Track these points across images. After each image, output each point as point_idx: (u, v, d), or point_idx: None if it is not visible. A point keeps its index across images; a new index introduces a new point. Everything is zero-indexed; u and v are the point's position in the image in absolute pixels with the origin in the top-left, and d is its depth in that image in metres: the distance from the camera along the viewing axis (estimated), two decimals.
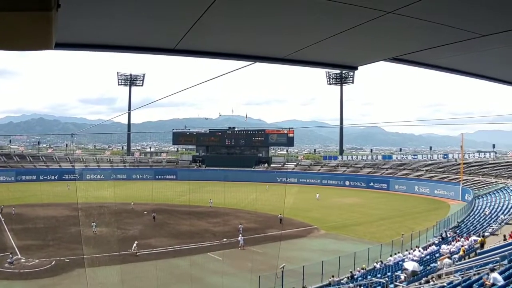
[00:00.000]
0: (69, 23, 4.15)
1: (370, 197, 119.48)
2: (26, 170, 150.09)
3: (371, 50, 5.81)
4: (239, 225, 70.42)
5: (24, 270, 49.43)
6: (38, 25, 3.20)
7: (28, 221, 75.81)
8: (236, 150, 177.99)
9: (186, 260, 52.85)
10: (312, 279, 42.79)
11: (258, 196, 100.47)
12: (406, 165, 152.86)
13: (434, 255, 46.21)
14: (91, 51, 5.25)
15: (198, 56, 5.56)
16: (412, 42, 5.41)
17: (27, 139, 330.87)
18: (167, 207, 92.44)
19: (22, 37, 3.38)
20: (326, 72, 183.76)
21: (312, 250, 60.12)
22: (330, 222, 79.59)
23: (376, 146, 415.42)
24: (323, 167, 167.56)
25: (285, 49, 5.50)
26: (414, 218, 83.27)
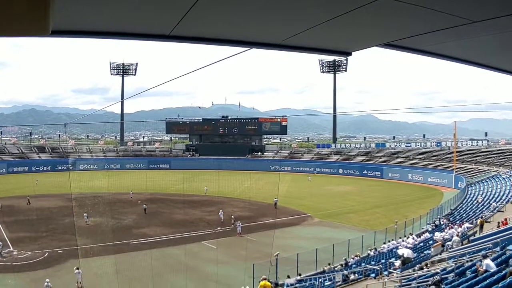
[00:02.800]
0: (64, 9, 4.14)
1: (363, 185, 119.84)
2: (18, 161, 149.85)
3: (365, 36, 5.81)
4: (232, 215, 70.48)
5: (17, 263, 49.20)
6: (34, 10, 3.21)
7: (20, 213, 75.68)
8: (230, 138, 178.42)
9: (180, 249, 53.02)
10: (306, 267, 42.91)
11: (252, 184, 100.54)
12: (400, 153, 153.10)
13: (427, 242, 46.39)
14: (86, 38, 5.24)
15: (193, 42, 5.56)
16: (405, 27, 5.42)
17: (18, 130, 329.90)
18: (161, 196, 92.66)
19: (19, 23, 3.39)
20: (319, 60, 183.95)
21: (306, 238, 60.28)
22: (323, 210, 79.79)
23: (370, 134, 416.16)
24: (317, 155, 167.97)
25: (281, 35, 5.50)
26: (408, 206, 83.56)
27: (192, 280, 42.74)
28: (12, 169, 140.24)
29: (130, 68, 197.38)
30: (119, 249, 53.25)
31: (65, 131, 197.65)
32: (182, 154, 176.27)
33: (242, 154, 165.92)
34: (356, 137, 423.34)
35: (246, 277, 39.72)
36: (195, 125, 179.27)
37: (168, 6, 4.38)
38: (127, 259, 50.00)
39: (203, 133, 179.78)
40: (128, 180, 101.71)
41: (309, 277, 40.51)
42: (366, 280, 34.04)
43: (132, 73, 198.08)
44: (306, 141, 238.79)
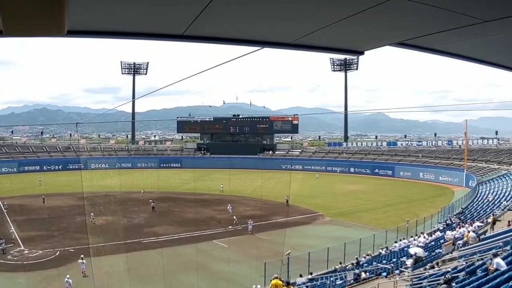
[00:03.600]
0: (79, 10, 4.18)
1: (375, 183, 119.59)
2: (29, 160, 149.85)
3: (377, 35, 5.83)
4: (234, 216, 70.51)
5: (28, 262, 49.29)
6: (50, 10, 3.24)
7: (31, 212, 75.78)
8: (241, 137, 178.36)
9: (192, 248, 52.90)
10: (317, 266, 42.98)
11: (263, 183, 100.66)
12: (411, 151, 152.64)
13: (439, 241, 46.29)
14: (100, 38, 5.28)
15: (206, 42, 5.59)
16: (417, 27, 5.43)
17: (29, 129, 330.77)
18: (172, 195, 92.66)
19: (36, 23, 3.42)
20: (330, 59, 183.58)
21: (318, 237, 60.18)
22: (335, 209, 79.71)
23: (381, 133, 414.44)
24: (328, 154, 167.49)
25: (293, 34, 5.52)
26: (419, 205, 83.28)
27: (204, 278, 42.79)
28: (23, 168, 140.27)
29: (141, 67, 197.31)
30: (130, 247, 53.36)
31: (76, 130, 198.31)
32: (193, 153, 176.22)
33: (253, 153, 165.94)
34: (368, 135, 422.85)
35: (258, 276, 39.75)
36: (206, 124, 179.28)
37: (183, 6, 4.41)
38: (139, 258, 50.17)
39: (214, 132, 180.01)
40: (139, 179, 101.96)
41: (320, 276, 40.55)
42: (378, 279, 34.02)
43: (143, 73, 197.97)
44: (318, 140, 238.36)
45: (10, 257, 50.91)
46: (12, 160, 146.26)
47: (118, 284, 40.55)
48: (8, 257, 50.82)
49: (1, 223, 68.46)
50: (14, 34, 3.71)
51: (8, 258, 50.54)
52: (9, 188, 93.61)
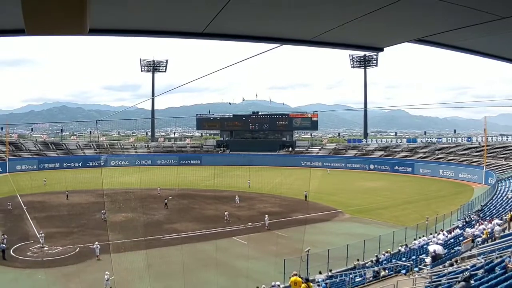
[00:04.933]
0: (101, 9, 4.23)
1: (394, 180, 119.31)
2: (48, 158, 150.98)
3: (397, 31, 5.86)
4: (226, 212, 70.64)
5: (48, 258, 49.60)
6: (72, 9, 3.27)
7: (51, 209, 76.21)
8: (260, 134, 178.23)
9: (211, 245, 53.10)
10: (337, 263, 42.87)
11: (283, 180, 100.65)
12: (431, 148, 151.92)
13: (458, 238, 46.13)
14: (122, 36, 5.33)
15: (225, 40, 5.62)
16: (436, 23, 5.45)
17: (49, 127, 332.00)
18: (192, 192, 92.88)
19: (57, 22, 3.45)
20: (350, 55, 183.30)
21: (337, 234, 60.11)
22: (354, 206, 79.59)
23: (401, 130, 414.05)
24: (348, 150, 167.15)
25: (312, 31, 5.55)
26: (439, 202, 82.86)
27: (223, 275, 42.85)
28: (43, 166, 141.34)
29: (160, 65, 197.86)
30: (150, 244, 53.54)
31: (96, 127, 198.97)
32: (213, 150, 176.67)
33: (273, 150, 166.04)
34: (387, 132, 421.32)
35: (277, 273, 39.84)
36: (225, 121, 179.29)
37: (203, 4, 4.44)
38: (158, 254, 50.35)
39: (233, 129, 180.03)
40: (159, 176, 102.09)
41: (339, 273, 40.51)
42: (397, 277, 33.93)
43: (163, 70, 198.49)
44: (337, 137, 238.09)
45: (30, 254, 51.18)
46: (32, 158, 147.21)
47: (138, 281, 40.70)
48: (27, 253, 51.09)
49: (22, 220, 68.99)
50: (36, 32, 3.74)
51: (27, 254, 50.81)
52: (29, 185, 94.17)
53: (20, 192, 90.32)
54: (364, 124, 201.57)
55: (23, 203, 79.62)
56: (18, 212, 74.13)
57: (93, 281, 42.79)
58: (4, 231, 61.15)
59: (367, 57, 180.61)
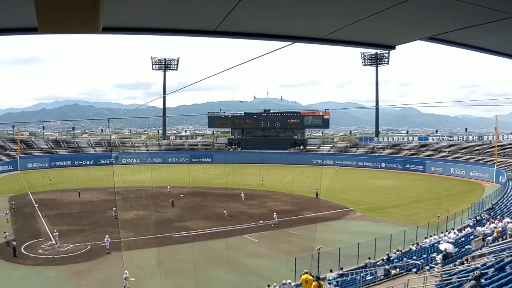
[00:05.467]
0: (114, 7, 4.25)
1: (406, 179, 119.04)
2: (60, 156, 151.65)
3: (409, 29, 5.85)
4: (225, 210, 71.36)
5: (59, 256, 49.76)
6: (85, 7, 3.30)
7: (63, 206, 76.39)
8: (272, 132, 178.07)
9: (222, 243, 53.14)
10: (348, 261, 42.83)
11: (294, 178, 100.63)
12: (442, 147, 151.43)
13: (468, 237, 46.05)
14: (134, 35, 5.36)
15: (237, 38, 5.63)
16: (448, 22, 5.44)
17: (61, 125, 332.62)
18: (203, 190, 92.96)
19: (70, 20, 3.47)
20: (361, 53, 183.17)
21: (348, 232, 60.07)
22: (366, 204, 79.53)
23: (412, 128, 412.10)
24: (359, 149, 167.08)
25: (324, 29, 5.55)
26: (450, 200, 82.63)
27: (234, 273, 42.99)
28: (54, 163, 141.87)
29: (171, 63, 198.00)
30: (161, 242, 53.74)
31: (108, 125, 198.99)
32: (224, 148, 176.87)
33: (284, 148, 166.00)
34: (399, 130, 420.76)
35: (288, 271, 39.79)
36: (237, 119, 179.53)
37: (216, 2, 4.46)
38: (169, 252, 50.41)
39: (245, 127, 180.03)
40: (170, 174, 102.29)
41: (350, 271, 40.47)
42: (408, 275, 33.88)
43: (174, 68, 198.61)
44: (349, 135, 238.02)
45: (41, 251, 51.41)
46: (43, 156, 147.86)
47: (149, 278, 40.80)
48: (38, 251, 51.31)
49: (33, 217, 69.21)
50: (49, 31, 3.75)
51: (38, 252, 51.03)
52: (40, 183, 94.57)
53: (31, 190, 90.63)
54: (375, 122, 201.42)
55: (35, 201, 79.72)
56: (30, 210, 74.32)
57: (104, 278, 43.00)
58: (16, 229, 61.55)
59: (378, 55, 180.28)
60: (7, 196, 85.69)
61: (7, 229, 59.10)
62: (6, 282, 41.59)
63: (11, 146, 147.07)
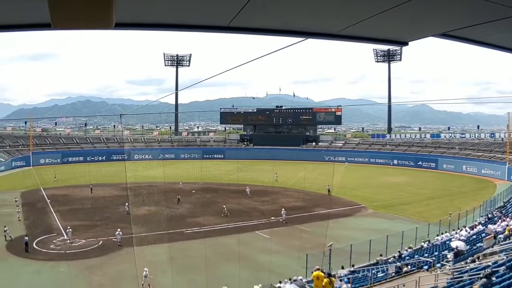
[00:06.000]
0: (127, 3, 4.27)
1: (418, 176, 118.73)
2: (72, 151, 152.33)
3: (421, 25, 5.85)
4: (224, 206, 71.40)
5: (71, 251, 50.01)
6: (99, 3, 3.32)
7: (75, 202, 77.00)
8: (284, 128, 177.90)
9: (234, 238, 53.28)
10: (359, 258, 42.79)
11: (306, 174, 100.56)
12: (454, 144, 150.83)
13: (480, 234, 45.93)
14: (147, 30, 5.38)
15: (250, 33, 5.64)
16: (461, 18, 5.43)
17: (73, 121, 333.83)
18: (215, 186, 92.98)
19: (84, 16, 3.49)
20: (374, 50, 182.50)
21: (360, 229, 59.98)
22: (378, 201, 79.42)
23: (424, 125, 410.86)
24: (371, 145, 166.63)
25: (337, 25, 5.55)
26: (462, 198, 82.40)
27: (245, 269, 42.92)
28: (66, 159, 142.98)
29: (184, 59, 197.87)
30: (173, 237, 53.84)
31: (120, 121, 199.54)
32: (236, 144, 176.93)
33: (296, 144, 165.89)
34: (411, 127, 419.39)
35: (299, 267, 39.85)
36: (249, 115, 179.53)
37: None
38: (181, 248, 50.64)
39: (257, 123, 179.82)
40: (182, 169, 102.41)
41: (362, 268, 40.47)
42: (419, 272, 33.89)
43: (186, 64, 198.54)
44: (361, 131, 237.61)
45: (53, 246, 51.60)
46: (56, 151, 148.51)
47: (160, 274, 40.87)
48: (50, 246, 51.49)
49: (45, 213, 69.45)
50: (63, 26, 3.77)
51: (50, 247, 51.20)
52: (52, 179, 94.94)
53: (43, 185, 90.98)
54: (388, 119, 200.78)
55: (47, 197, 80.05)
56: (42, 205, 74.73)
57: (116, 273, 43.11)
58: (28, 224, 61.78)
59: (391, 52, 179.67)
60: (19, 192, 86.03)
61: (18, 225, 59.51)
62: (18, 277, 41.71)
63: (23, 142, 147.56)
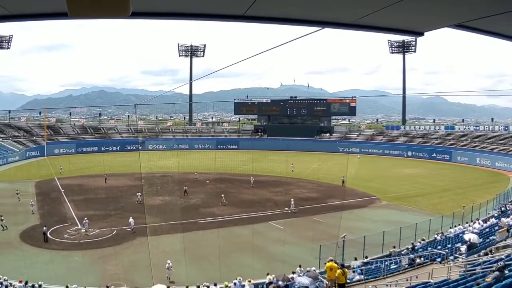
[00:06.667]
0: None
1: (432, 168, 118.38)
2: (87, 141, 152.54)
3: (437, 16, 5.83)
4: (222, 195, 71.92)
5: (85, 240, 50.37)
6: None
7: (89, 192, 77.32)
8: (298, 119, 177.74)
9: (247, 229, 53.57)
10: (373, 250, 42.83)
11: (320, 165, 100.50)
12: (469, 136, 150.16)
13: (493, 227, 45.85)
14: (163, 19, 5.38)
15: (266, 22, 5.63)
16: (477, 8, 5.41)
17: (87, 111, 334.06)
18: (229, 176, 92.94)
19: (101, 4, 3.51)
20: (388, 41, 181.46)
21: (373, 221, 60.03)
22: (391, 193, 79.39)
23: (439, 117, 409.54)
24: (385, 137, 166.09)
25: (353, 14, 5.55)
26: (475, 190, 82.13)
27: (259, 259, 43.01)
28: (81, 149, 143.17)
29: (198, 49, 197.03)
30: (186, 227, 54.11)
31: (134, 111, 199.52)
32: (251, 135, 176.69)
33: (310, 135, 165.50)
34: (426, 119, 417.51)
35: (312, 258, 39.91)
36: (263, 105, 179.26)
37: None
38: (195, 238, 50.94)
39: (271, 113, 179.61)
40: (196, 160, 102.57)
41: (375, 259, 40.48)
42: (432, 265, 33.90)
43: (201, 55, 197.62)
44: (375, 123, 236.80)
45: (67, 236, 51.94)
46: (70, 141, 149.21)
47: (174, 263, 40.96)
48: (64, 235, 51.80)
49: (59, 202, 69.75)
50: (79, 15, 3.79)
51: (64, 237, 51.53)
52: (67, 169, 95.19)
53: (57, 175, 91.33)
54: (402, 111, 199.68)
55: (61, 186, 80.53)
56: (56, 195, 75.13)
57: (129, 263, 43.34)
58: (42, 214, 62.07)
59: (405, 43, 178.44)
60: (33, 182, 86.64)
61: (32, 217, 59.51)
62: (32, 266, 41.86)
63: (37, 132, 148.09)
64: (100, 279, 39.07)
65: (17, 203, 66.06)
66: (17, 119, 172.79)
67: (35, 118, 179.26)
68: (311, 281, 29.44)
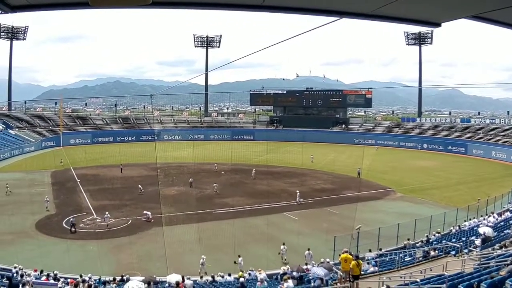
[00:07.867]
0: None
1: (447, 160, 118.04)
2: (102, 132, 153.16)
3: (454, 6, 5.82)
4: (214, 184, 72.80)
5: (100, 230, 50.84)
6: None
7: (104, 181, 77.79)
8: (314, 111, 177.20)
9: (262, 220, 53.44)
10: (387, 242, 42.83)
11: (336, 157, 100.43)
12: (484, 129, 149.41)
13: (508, 221, 45.70)
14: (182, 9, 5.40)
15: (285, 12, 5.63)
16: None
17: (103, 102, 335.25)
18: (244, 167, 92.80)
19: None
20: (405, 32, 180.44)
21: (388, 213, 60.03)
22: (406, 185, 79.21)
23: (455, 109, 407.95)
24: (401, 129, 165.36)
25: (371, 4, 5.55)
26: (490, 184, 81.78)
27: (273, 250, 43.08)
28: (96, 140, 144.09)
29: (214, 40, 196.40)
30: (201, 218, 54.25)
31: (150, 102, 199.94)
32: (266, 126, 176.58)
33: (326, 127, 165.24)
34: (441, 111, 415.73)
35: (327, 249, 39.89)
36: (279, 97, 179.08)
37: None
38: (209, 228, 50.91)
39: (287, 105, 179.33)
40: (211, 150, 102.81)
41: (389, 251, 40.43)
42: (446, 257, 33.81)
43: (216, 45, 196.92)
44: (391, 115, 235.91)
45: (83, 225, 52.32)
46: (86, 132, 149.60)
47: (189, 253, 41.13)
48: (80, 225, 52.08)
49: (75, 192, 70.07)
50: (100, 4, 3.83)
51: (80, 226, 51.82)
52: (83, 159, 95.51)
53: (73, 165, 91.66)
54: (418, 103, 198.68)
55: (77, 176, 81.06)
56: (72, 185, 75.69)
57: (144, 252, 43.52)
58: (57, 204, 62.44)
59: (422, 34, 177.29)
60: (49, 172, 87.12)
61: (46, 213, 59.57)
62: (47, 255, 42.12)
63: (53, 123, 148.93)
64: (115, 268, 39.32)
65: (33, 193, 66.03)
66: (33, 110, 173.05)
67: (50, 109, 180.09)
68: (326, 273, 29.48)
